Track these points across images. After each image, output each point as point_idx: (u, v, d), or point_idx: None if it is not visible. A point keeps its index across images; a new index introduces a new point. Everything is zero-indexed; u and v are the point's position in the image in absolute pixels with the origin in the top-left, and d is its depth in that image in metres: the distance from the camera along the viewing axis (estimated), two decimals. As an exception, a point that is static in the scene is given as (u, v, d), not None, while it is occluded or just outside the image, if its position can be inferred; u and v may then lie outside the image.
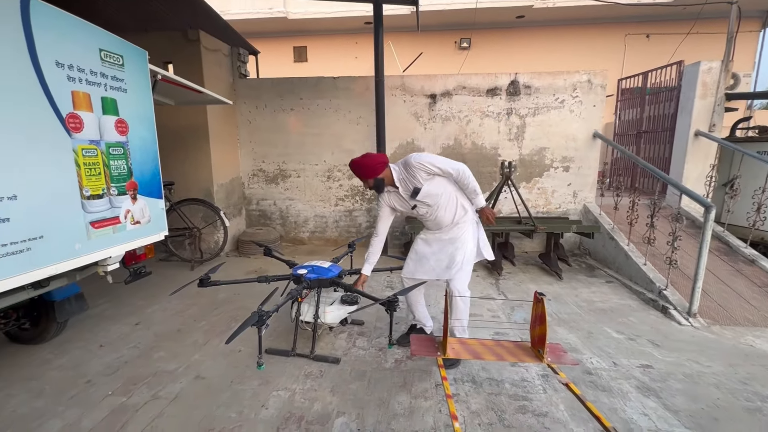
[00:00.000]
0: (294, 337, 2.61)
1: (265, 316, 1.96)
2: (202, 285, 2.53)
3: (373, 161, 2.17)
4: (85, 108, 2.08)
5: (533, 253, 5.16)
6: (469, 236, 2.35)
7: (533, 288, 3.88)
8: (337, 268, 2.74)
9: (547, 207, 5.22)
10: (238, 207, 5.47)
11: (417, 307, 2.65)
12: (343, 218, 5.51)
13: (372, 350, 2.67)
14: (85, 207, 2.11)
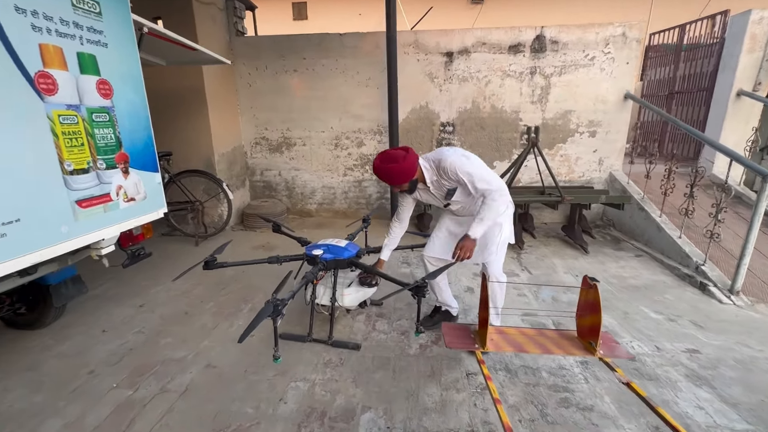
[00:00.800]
0: (310, 321, 2.45)
1: (281, 305, 1.75)
2: (207, 267, 2.31)
3: (404, 165, 1.86)
4: (58, 65, 1.76)
5: (553, 225, 4.92)
6: (508, 219, 2.16)
7: (558, 263, 3.68)
8: (354, 246, 2.52)
9: (570, 176, 4.91)
10: (241, 178, 5.23)
11: (441, 288, 2.48)
12: (352, 189, 5.27)
13: (393, 334, 2.51)
14: (69, 183, 1.83)
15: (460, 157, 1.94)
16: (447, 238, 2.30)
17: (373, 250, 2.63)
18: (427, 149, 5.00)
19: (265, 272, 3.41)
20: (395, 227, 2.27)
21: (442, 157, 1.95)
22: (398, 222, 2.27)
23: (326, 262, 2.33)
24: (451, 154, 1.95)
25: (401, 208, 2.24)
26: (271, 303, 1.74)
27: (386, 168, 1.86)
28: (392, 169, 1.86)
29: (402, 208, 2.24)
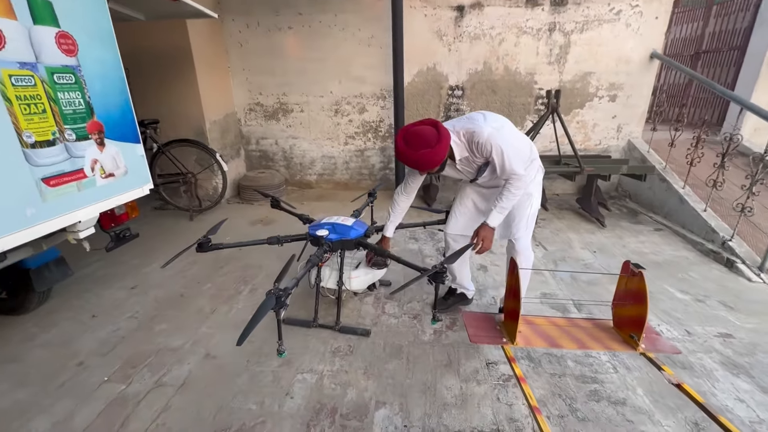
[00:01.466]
0: (315, 306, 2.29)
1: (284, 295, 1.56)
2: (201, 250, 2.12)
3: (439, 150, 1.59)
4: (3, 13, 1.44)
5: (565, 196, 4.73)
6: (538, 187, 1.97)
7: (574, 238, 3.51)
8: (361, 225, 2.34)
9: (586, 143, 4.66)
10: (235, 147, 4.99)
11: (460, 269, 2.33)
12: (354, 159, 5.05)
13: (405, 318, 2.37)
14: (30, 158, 1.57)
15: (494, 130, 1.69)
16: (473, 213, 2.12)
17: (382, 227, 2.42)
18: (433, 116, 4.69)
19: (266, 249, 3.24)
20: (401, 200, 2.09)
21: (476, 130, 1.69)
22: (405, 195, 2.08)
23: (332, 243, 2.16)
24: (485, 127, 1.69)
25: (410, 179, 2.04)
26: (273, 294, 1.55)
27: (418, 156, 1.58)
28: (425, 156, 1.58)
29: (411, 179, 2.04)
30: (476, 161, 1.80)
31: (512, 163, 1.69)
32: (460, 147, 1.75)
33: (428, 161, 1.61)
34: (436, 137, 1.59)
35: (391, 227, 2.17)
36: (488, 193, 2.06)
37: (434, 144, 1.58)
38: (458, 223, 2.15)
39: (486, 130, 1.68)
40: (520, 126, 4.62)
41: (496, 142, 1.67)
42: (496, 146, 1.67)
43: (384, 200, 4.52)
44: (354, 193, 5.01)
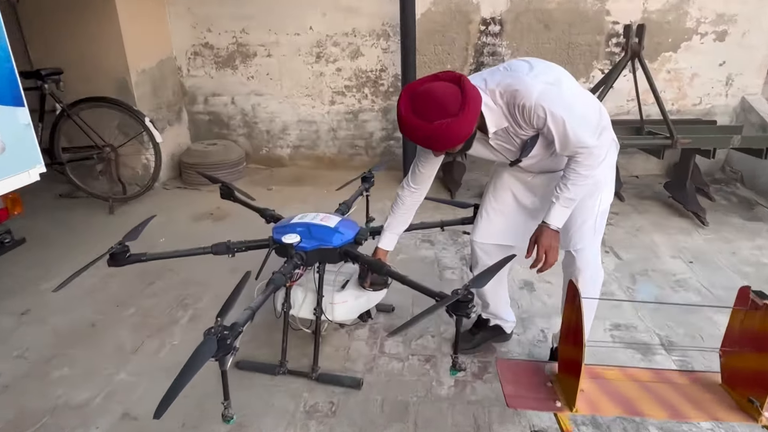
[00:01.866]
0: (283, 344, 2.23)
1: (230, 336, 1.48)
2: (115, 263, 2.08)
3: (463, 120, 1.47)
4: None
5: (649, 179, 4.67)
6: (609, 172, 1.89)
7: (660, 240, 3.45)
8: (350, 225, 2.28)
9: (680, 103, 4.57)
10: (174, 109, 4.98)
11: (494, 291, 2.26)
12: (343, 124, 5.03)
13: (413, 361, 2.31)
14: None
15: (547, 86, 1.57)
16: (514, 211, 2.03)
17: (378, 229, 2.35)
18: (458, 64, 4.57)
19: (214, 257, 3.16)
20: (408, 195, 2.02)
21: (520, 88, 1.56)
22: (413, 187, 1.98)
23: (306, 253, 2.09)
24: (533, 83, 1.56)
25: (420, 164, 1.93)
26: (214, 335, 1.46)
27: (432, 129, 1.45)
28: (441, 129, 1.45)
29: (422, 164, 1.93)
30: (520, 134, 1.68)
31: (578, 132, 1.59)
32: (495, 114, 1.62)
33: (447, 137, 1.49)
34: (458, 100, 1.45)
35: (389, 236, 2.09)
36: (537, 181, 1.95)
37: (456, 111, 1.44)
38: (492, 226, 2.07)
39: (535, 88, 1.55)
40: (584, 78, 4.51)
41: (552, 106, 1.54)
42: (552, 112, 1.55)
43: (387, 186, 4.45)
44: (344, 174, 4.84)
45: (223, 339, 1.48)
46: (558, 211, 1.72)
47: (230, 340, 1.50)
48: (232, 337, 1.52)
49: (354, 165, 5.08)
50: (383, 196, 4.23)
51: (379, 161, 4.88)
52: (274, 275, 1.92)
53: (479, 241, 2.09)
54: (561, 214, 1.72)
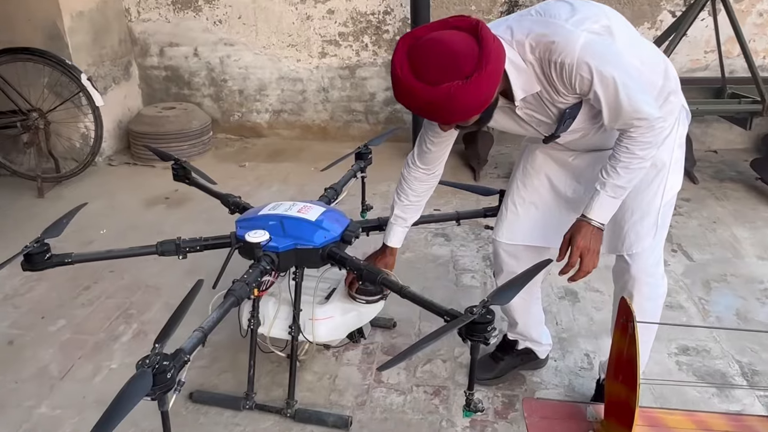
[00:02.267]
0: (249, 371, 2.21)
1: (171, 367, 1.45)
2: (31, 267, 2.06)
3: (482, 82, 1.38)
4: None
5: (730, 155, 4.64)
6: (677, 151, 1.84)
7: (743, 235, 3.44)
8: (336, 218, 2.23)
9: (772, 55, 4.50)
10: (121, 62, 5.02)
11: (524, 307, 2.23)
12: (337, 83, 5.06)
13: (418, 394, 2.30)
14: None
15: (593, 36, 1.49)
16: (550, 202, 2.00)
17: (378, 224, 2.36)
18: (487, 3, 4.58)
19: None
20: (415, 178, 2.00)
21: (558, 40, 1.48)
22: (422, 167, 1.97)
23: (278, 255, 2.05)
24: (574, 32, 1.49)
25: (429, 140, 1.91)
26: (149, 368, 1.41)
27: (436, 95, 1.38)
28: (448, 95, 1.37)
29: (430, 140, 1.91)
30: (557, 102, 1.61)
31: (635, 99, 1.53)
32: (524, 75, 1.55)
33: (455, 106, 1.41)
34: (474, 56, 1.36)
35: (397, 231, 2.10)
36: (581, 162, 1.90)
37: (470, 70, 1.35)
38: (520, 222, 2.05)
39: (578, 39, 1.47)
40: (649, 23, 4.46)
41: (601, 64, 1.47)
42: (600, 72, 1.47)
43: (390, 163, 4.40)
44: (337, 147, 4.90)
45: (162, 372, 1.44)
46: (603, 202, 1.66)
47: (171, 373, 1.46)
48: (175, 368, 1.48)
49: (351, 135, 5.10)
50: (386, 176, 4.20)
51: (381, 131, 4.83)
52: (235, 285, 1.87)
53: (503, 242, 2.06)
54: (607, 207, 1.67)
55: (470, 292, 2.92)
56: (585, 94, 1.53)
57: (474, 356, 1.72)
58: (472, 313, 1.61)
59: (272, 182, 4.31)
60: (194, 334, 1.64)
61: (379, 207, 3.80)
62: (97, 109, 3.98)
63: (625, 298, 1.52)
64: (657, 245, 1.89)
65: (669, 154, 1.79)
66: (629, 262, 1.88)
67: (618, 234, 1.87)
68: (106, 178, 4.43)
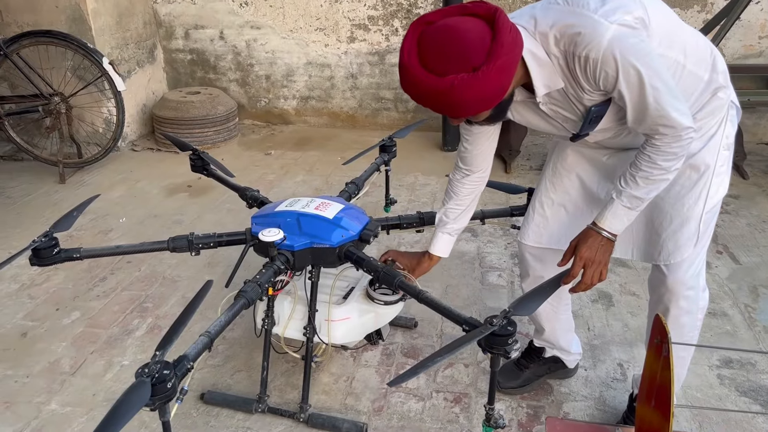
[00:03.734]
0: (263, 373, 2.17)
1: (171, 376, 1.41)
2: (39, 262, 2.03)
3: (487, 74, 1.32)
4: None
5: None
6: (725, 152, 1.73)
7: None
8: (355, 216, 2.18)
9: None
10: (146, 45, 5.03)
11: (552, 313, 2.16)
12: (366, 69, 5.03)
13: (438, 400, 2.24)
14: None
15: (623, 28, 1.39)
16: (579, 205, 1.93)
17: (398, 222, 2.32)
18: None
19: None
20: (459, 179, 1.98)
21: (584, 30, 1.39)
22: (464, 168, 1.95)
23: (293, 253, 2.00)
24: (602, 22, 1.39)
25: (464, 139, 1.88)
26: (147, 378, 1.36)
27: (442, 87, 1.34)
28: (457, 87, 1.32)
29: (465, 138, 1.88)
30: (583, 99, 1.51)
31: (661, 101, 1.44)
32: (547, 69, 1.47)
33: (461, 100, 1.36)
34: (484, 47, 1.29)
35: (442, 238, 2.06)
36: (616, 162, 1.82)
37: (479, 62, 1.30)
38: (548, 225, 1.99)
39: (606, 31, 1.36)
40: (698, 5, 4.32)
41: (628, 57, 1.37)
42: (626, 68, 1.38)
43: (418, 155, 4.29)
44: (365, 135, 4.91)
45: (162, 381, 1.39)
46: (617, 211, 1.58)
47: (172, 382, 1.41)
48: (177, 377, 1.43)
49: (379, 123, 5.06)
50: (412, 167, 4.13)
51: (410, 120, 4.77)
52: (246, 286, 1.82)
53: (529, 245, 2.00)
54: (621, 217, 1.60)
55: (496, 292, 2.83)
56: (610, 91, 1.45)
57: (494, 369, 1.64)
58: (491, 324, 1.53)
59: (298, 172, 4.26)
60: (200, 339, 1.60)
61: (405, 200, 3.73)
62: (119, 93, 3.97)
63: (660, 315, 1.41)
64: (698, 255, 1.79)
65: (714, 155, 1.68)
66: (666, 273, 1.78)
67: (655, 242, 1.78)
68: (129, 164, 4.44)
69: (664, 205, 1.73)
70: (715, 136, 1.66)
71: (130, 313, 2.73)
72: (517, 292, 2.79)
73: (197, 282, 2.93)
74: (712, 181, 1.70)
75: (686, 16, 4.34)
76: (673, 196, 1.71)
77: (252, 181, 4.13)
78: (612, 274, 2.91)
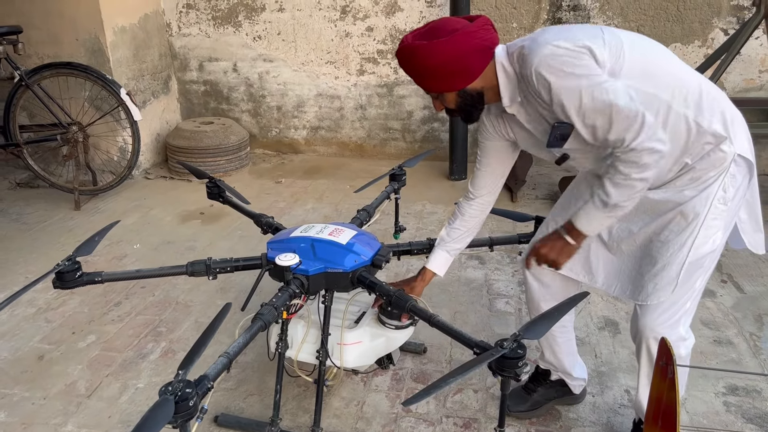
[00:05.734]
0: (276, 396, 2.15)
1: (193, 395, 1.43)
2: (63, 285, 2.07)
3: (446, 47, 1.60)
4: None
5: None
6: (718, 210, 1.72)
7: None
8: (367, 242, 2.21)
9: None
10: (161, 77, 5.09)
11: (559, 339, 2.17)
12: (375, 100, 5.05)
13: (449, 425, 2.24)
14: None
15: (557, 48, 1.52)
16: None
17: (409, 248, 2.35)
18: (529, 20, 4.54)
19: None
20: (466, 203, 2.07)
21: (525, 52, 1.59)
22: (472, 193, 2.04)
23: (308, 278, 2.03)
24: (544, 46, 1.54)
25: (480, 155, 1.98)
26: (171, 396, 1.40)
27: (411, 49, 1.64)
28: (415, 50, 1.63)
29: (481, 153, 1.98)
30: (545, 115, 1.67)
31: (613, 125, 1.54)
32: (511, 82, 1.68)
33: (416, 61, 1.65)
34: (455, 26, 1.60)
35: (441, 255, 2.12)
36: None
37: (443, 34, 1.59)
38: None
39: (541, 49, 1.54)
40: (699, 41, 4.37)
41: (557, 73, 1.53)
42: (559, 79, 1.52)
43: (425, 184, 4.34)
44: (374, 165, 4.94)
45: (184, 399, 1.42)
46: (588, 210, 1.67)
47: (194, 401, 1.45)
48: (198, 396, 1.46)
49: (387, 153, 5.07)
50: (421, 196, 4.16)
51: (418, 150, 4.80)
52: (263, 309, 1.85)
53: (532, 270, 2.02)
54: (591, 217, 1.68)
55: (504, 319, 2.85)
56: (550, 104, 1.57)
57: (504, 392, 1.66)
58: (501, 347, 1.56)
59: (307, 200, 4.31)
60: (219, 360, 1.62)
61: (413, 228, 3.76)
62: (135, 123, 4.02)
63: (665, 338, 1.46)
64: (674, 303, 1.78)
65: (705, 206, 1.68)
66: (639, 313, 1.81)
67: (638, 282, 1.82)
68: (142, 191, 4.48)
69: (652, 248, 1.77)
70: (710, 188, 1.67)
71: (145, 337, 2.74)
72: (524, 319, 2.81)
73: (210, 307, 2.97)
74: (700, 232, 1.70)
75: (687, 50, 4.38)
76: (662, 240, 1.75)
77: (263, 208, 4.12)
78: (619, 302, 2.90)
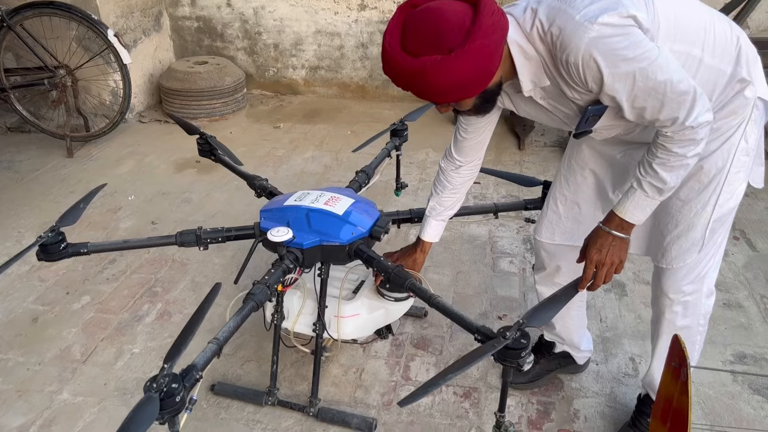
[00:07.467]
0: (272, 366, 2.17)
1: (180, 390, 1.39)
2: (47, 257, 2.01)
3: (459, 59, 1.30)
4: None
5: None
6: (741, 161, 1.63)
7: None
8: (366, 210, 2.14)
9: None
10: (152, 13, 4.94)
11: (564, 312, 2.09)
12: (376, 38, 4.93)
13: (448, 395, 2.24)
14: None
15: (605, 28, 1.30)
16: (594, 202, 1.89)
17: (409, 216, 2.28)
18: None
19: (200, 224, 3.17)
20: (452, 170, 1.95)
21: (565, 31, 1.33)
22: (457, 159, 1.91)
23: (302, 251, 1.97)
24: (588, 27, 1.30)
25: (461, 128, 1.84)
26: (156, 393, 1.35)
27: (416, 68, 1.32)
28: (429, 70, 1.30)
29: (463, 127, 1.84)
30: (575, 98, 1.48)
31: (662, 95, 1.37)
32: (533, 64, 1.43)
33: (433, 83, 1.33)
34: (462, 30, 1.28)
35: (433, 224, 2.05)
36: (631, 160, 1.75)
37: (454, 45, 1.27)
38: (561, 222, 1.96)
39: (586, 33, 1.31)
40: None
41: (611, 60, 1.32)
42: (611, 69, 1.33)
43: (432, 132, 4.24)
44: (376, 107, 4.85)
45: (171, 395, 1.38)
46: (638, 200, 1.51)
47: (181, 395, 1.40)
48: (185, 388, 1.42)
49: (390, 94, 4.99)
50: (424, 143, 4.07)
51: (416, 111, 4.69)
52: (255, 288, 1.79)
53: (543, 241, 1.98)
54: (643, 207, 1.52)
55: (507, 279, 2.80)
56: (598, 93, 1.40)
57: (505, 380, 1.62)
58: (504, 337, 1.50)
59: (307, 147, 4.21)
60: (208, 347, 1.57)
61: (415, 179, 3.68)
62: (125, 66, 3.90)
63: (678, 335, 1.38)
64: (700, 262, 1.72)
65: (728, 159, 1.60)
66: (664, 275, 1.75)
67: (658, 243, 1.74)
68: (136, 137, 4.39)
69: (671, 207, 1.67)
70: (732, 138, 1.58)
71: (140, 298, 2.73)
72: (528, 280, 2.77)
73: (206, 265, 2.94)
74: (723, 188, 1.63)
75: None
76: (682, 198, 1.65)
77: (261, 156, 4.08)
78: (627, 262, 2.85)
